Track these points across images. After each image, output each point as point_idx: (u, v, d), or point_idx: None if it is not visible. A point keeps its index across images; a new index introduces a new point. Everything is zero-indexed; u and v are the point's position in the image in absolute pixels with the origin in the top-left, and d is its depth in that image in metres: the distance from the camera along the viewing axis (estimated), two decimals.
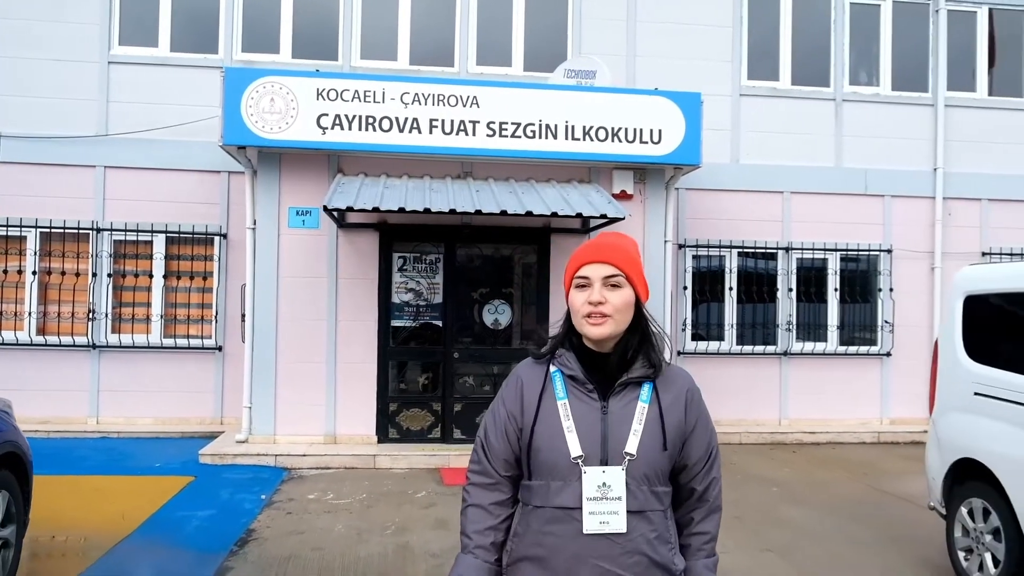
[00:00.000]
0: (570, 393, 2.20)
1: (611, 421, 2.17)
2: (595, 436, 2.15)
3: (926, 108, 12.67)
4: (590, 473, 2.12)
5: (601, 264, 2.19)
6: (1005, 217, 12.77)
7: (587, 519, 2.11)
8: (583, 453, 2.13)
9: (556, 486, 2.15)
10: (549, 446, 2.16)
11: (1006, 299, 5.71)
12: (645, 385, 2.22)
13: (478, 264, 10.45)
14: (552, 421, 2.18)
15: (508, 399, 2.28)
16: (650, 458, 2.16)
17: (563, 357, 2.25)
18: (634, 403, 2.20)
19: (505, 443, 2.25)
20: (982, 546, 5.62)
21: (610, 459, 2.14)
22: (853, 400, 12.25)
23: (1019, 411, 5.30)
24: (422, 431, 10.07)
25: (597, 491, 2.11)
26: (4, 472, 4.95)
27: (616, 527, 2.11)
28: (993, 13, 12.94)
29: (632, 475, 2.14)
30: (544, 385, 2.23)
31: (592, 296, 2.17)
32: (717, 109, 11.81)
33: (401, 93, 9.63)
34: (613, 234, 2.32)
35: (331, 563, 6.04)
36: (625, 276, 2.20)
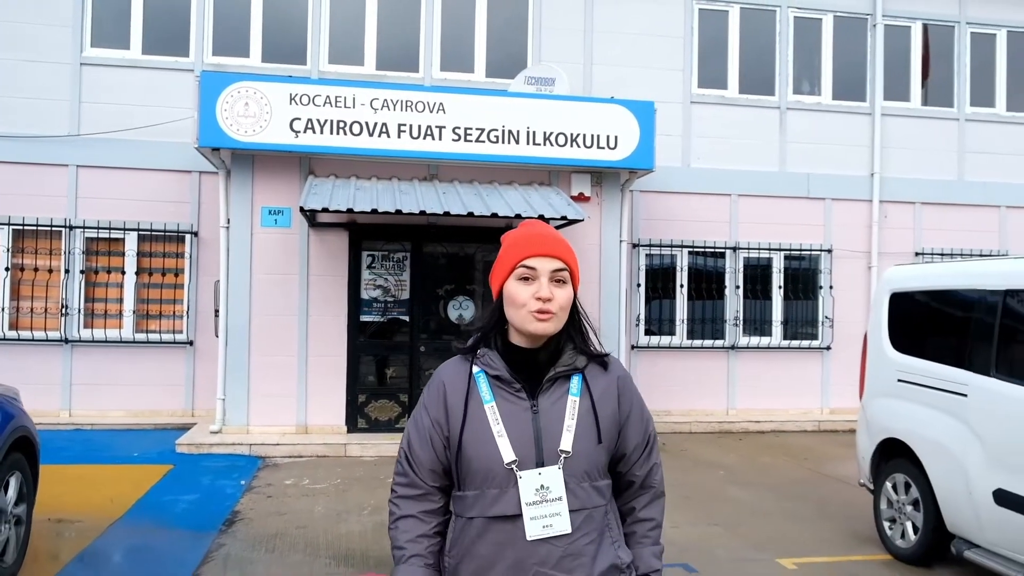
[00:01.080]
0: (497, 395, 2.11)
1: (543, 420, 2.08)
2: (527, 438, 2.06)
3: (864, 117, 13.45)
4: (526, 477, 2.03)
5: (549, 258, 2.09)
6: (936, 219, 13.61)
7: (529, 524, 2.03)
8: (516, 457, 2.04)
9: (492, 494, 2.06)
10: (480, 453, 2.06)
11: (925, 296, 6.39)
12: (574, 377, 2.14)
13: (443, 262, 10.96)
14: (481, 426, 2.08)
15: (431, 406, 2.16)
16: (587, 453, 2.09)
17: (485, 356, 2.14)
18: (564, 398, 2.12)
19: (431, 453, 2.14)
20: (903, 516, 6.29)
21: (546, 459, 2.06)
22: (796, 391, 12.98)
23: (935, 395, 5.97)
24: (390, 421, 10.55)
25: (536, 495, 2.03)
26: (17, 455, 5.35)
27: (560, 528, 2.04)
28: (927, 28, 13.75)
29: (570, 473, 2.06)
30: (469, 388, 2.12)
31: (541, 291, 2.06)
32: (669, 115, 12.44)
33: (371, 99, 10.10)
34: (542, 224, 2.22)
35: (316, 539, 6.52)
36: (569, 271, 2.13)
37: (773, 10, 13.21)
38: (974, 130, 13.83)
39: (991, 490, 5.37)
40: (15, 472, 5.32)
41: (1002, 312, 5.53)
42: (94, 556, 5.98)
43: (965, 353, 5.78)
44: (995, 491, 5.33)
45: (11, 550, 5.24)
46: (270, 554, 6.13)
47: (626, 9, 12.70)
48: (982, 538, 5.54)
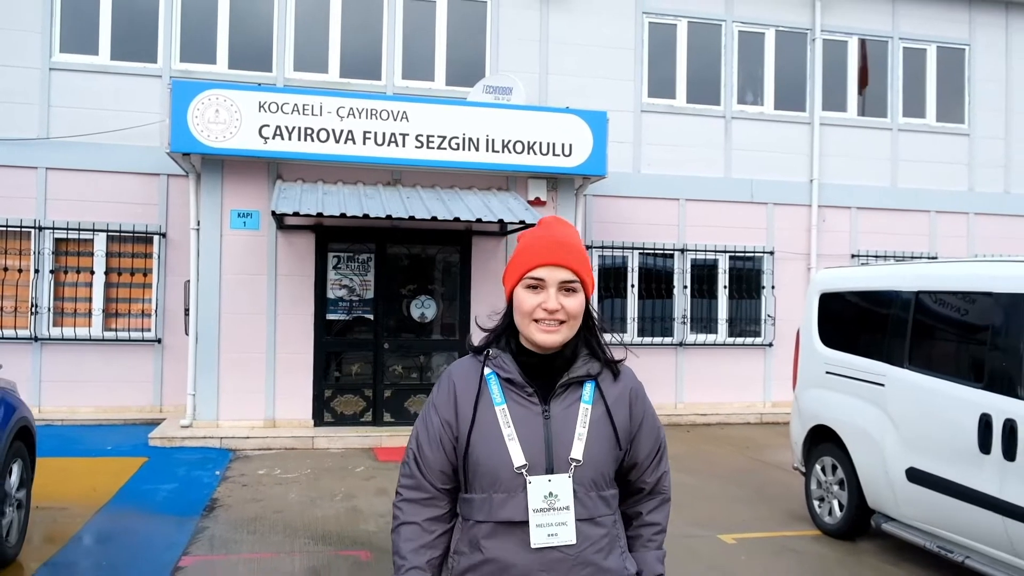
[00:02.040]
0: (508, 398, 2.08)
1: (554, 426, 2.06)
2: (538, 443, 2.04)
3: (804, 126, 14.22)
4: (535, 483, 2.01)
5: (558, 268, 2.06)
6: (871, 223, 14.42)
7: (534, 532, 2.00)
8: (527, 462, 2.02)
9: (499, 499, 2.03)
10: (489, 456, 2.04)
11: (849, 296, 7.07)
12: (587, 385, 2.12)
13: (406, 263, 11.46)
14: (491, 429, 2.05)
15: (441, 406, 2.14)
16: (597, 462, 2.07)
17: (499, 359, 2.12)
18: (576, 405, 2.09)
19: (441, 454, 2.11)
20: (831, 495, 6.96)
21: (555, 467, 2.03)
22: (740, 386, 13.69)
23: (857, 385, 6.65)
24: (355, 415, 11.02)
25: (544, 502, 2.01)
26: (19, 444, 5.77)
27: (565, 538, 2.01)
28: (865, 43, 14.56)
29: (579, 482, 2.04)
30: (479, 389, 2.10)
31: (548, 303, 2.04)
32: (621, 124, 13.06)
33: (337, 107, 10.56)
34: (559, 223, 2.19)
35: (293, 521, 7.00)
36: (580, 281, 2.09)
37: (719, 24, 13.91)
38: (906, 139, 14.67)
39: (904, 469, 6.03)
40: (17, 459, 5.73)
41: (915, 310, 6.21)
42: (88, 538, 6.41)
43: (883, 347, 6.45)
44: (907, 469, 6.00)
45: (14, 531, 5.65)
46: (252, 535, 6.60)
47: (580, 21, 13.30)
48: (898, 512, 6.21)
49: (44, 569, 5.66)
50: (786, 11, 14.16)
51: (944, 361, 6.01)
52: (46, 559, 5.85)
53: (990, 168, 15.05)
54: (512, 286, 2.11)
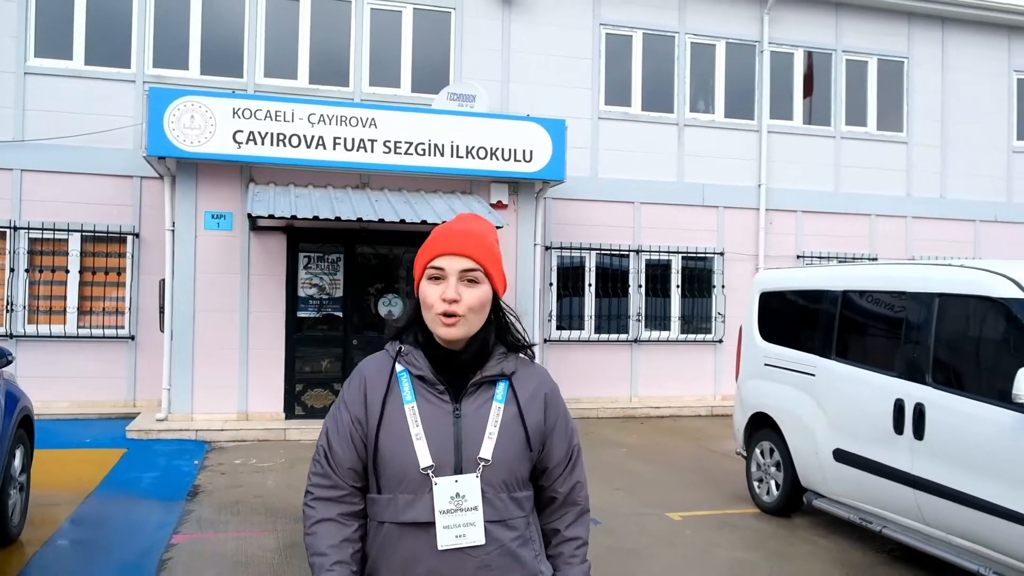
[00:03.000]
0: (418, 395, 2.03)
1: (464, 425, 2.01)
2: (447, 443, 1.99)
3: (752, 133, 14.95)
4: (441, 484, 1.96)
5: (458, 256, 2.00)
6: (816, 226, 15.19)
7: (441, 534, 1.95)
8: (434, 463, 1.97)
9: (405, 499, 1.98)
10: (396, 456, 1.99)
11: (786, 295, 7.74)
12: (500, 383, 2.08)
13: (374, 263, 11.98)
14: (399, 427, 2.00)
15: (351, 402, 2.08)
16: (507, 463, 2.02)
17: (410, 355, 2.06)
18: (488, 403, 2.05)
19: (351, 450, 2.04)
20: (769, 476, 7.63)
21: (464, 467, 1.99)
22: (691, 380, 14.39)
23: (792, 375, 7.32)
24: (325, 408, 11.51)
25: (450, 503, 1.96)
26: (21, 431, 6.22)
27: (473, 539, 1.97)
28: (810, 55, 15.33)
29: (488, 482, 2.00)
30: (389, 386, 2.04)
31: (447, 292, 1.99)
32: (579, 130, 13.67)
33: (308, 114, 11.05)
34: (470, 217, 2.16)
35: (273, 505, 7.51)
36: (483, 270, 2.02)
37: (672, 36, 14.59)
38: (849, 147, 15.47)
39: (832, 450, 6.71)
40: (20, 446, 6.19)
41: (841, 308, 6.89)
42: (82, 519, 6.87)
43: (814, 341, 7.13)
44: (834, 450, 6.68)
45: (17, 512, 6.11)
46: (236, 516, 7.10)
47: (540, 32, 13.89)
48: (827, 489, 6.88)
49: (46, 548, 6.12)
50: (736, 24, 14.88)
51: (865, 353, 6.69)
52: (46, 539, 6.30)
53: (927, 174, 15.91)
54: (418, 279, 2.06)
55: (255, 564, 5.89)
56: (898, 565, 6.23)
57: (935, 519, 5.72)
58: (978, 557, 5.42)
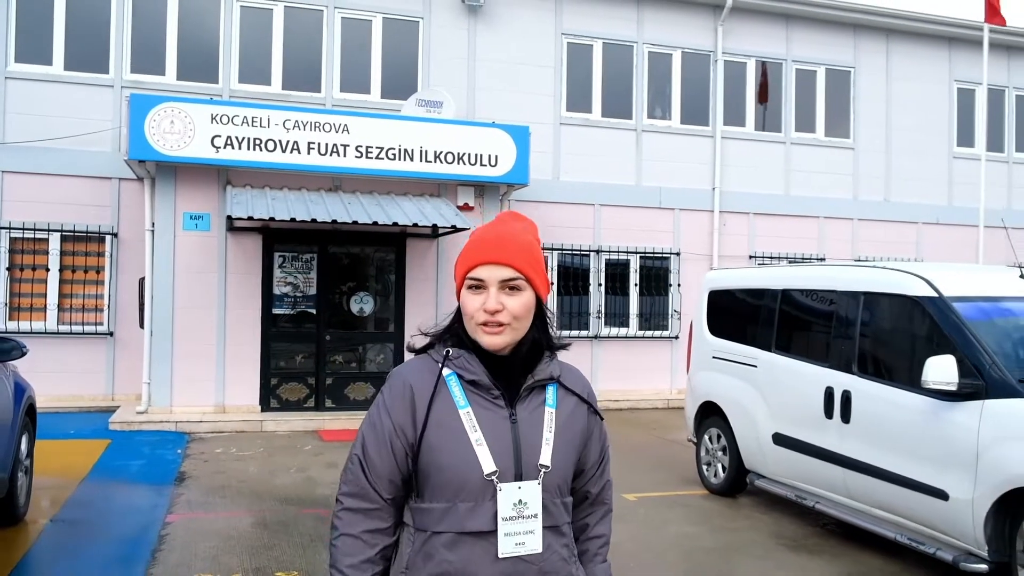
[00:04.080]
0: (472, 400, 1.97)
1: (521, 430, 1.97)
2: (507, 449, 1.95)
3: (707, 139, 15.68)
4: (506, 490, 1.92)
5: (498, 266, 1.95)
6: (767, 228, 15.96)
7: (502, 541, 1.92)
8: (497, 468, 1.92)
9: (465, 508, 1.92)
10: (455, 462, 1.92)
11: (731, 294, 8.43)
12: (550, 388, 2.05)
13: (346, 262, 12.51)
14: (455, 434, 1.94)
15: (395, 409, 1.99)
16: (562, 468, 2.01)
17: (461, 359, 2.00)
18: (541, 408, 2.02)
19: (391, 460, 1.97)
20: (716, 459, 8.31)
21: (524, 473, 1.95)
22: (649, 374, 15.08)
23: (736, 367, 8.00)
24: (299, 401, 12.04)
25: (513, 510, 1.93)
26: (27, 419, 6.70)
27: (532, 547, 1.94)
28: (764, 65, 16.09)
29: (546, 488, 1.97)
30: (436, 390, 1.98)
31: (488, 304, 1.94)
32: (542, 135, 14.30)
33: (284, 120, 11.56)
34: (509, 217, 2.12)
35: (257, 488, 8.05)
36: (525, 278, 1.98)
37: (631, 46, 15.27)
38: (798, 152, 16.27)
39: (771, 434, 7.39)
40: (26, 432, 6.68)
41: (780, 305, 7.58)
42: (80, 501, 7.37)
43: (756, 335, 7.81)
44: (773, 434, 7.36)
45: (23, 493, 6.60)
46: (224, 499, 7.63)
47: (504, 41, 14.50)
48: (767, 470, 7.57)
49: (51, 525, 6.62)
50: (691, 35, 15.59)
51: (801, 345, 7.38)
52: (49, 518, 6.80)
53: (872, 179, 16.76)
54: (459, 286, 2.03)
55: (245, 539, 6.43)
56: (828, 537, 6.92)
57: (859, 493, 6.42)
58: (894, 526, 6.12)
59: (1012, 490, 5.14)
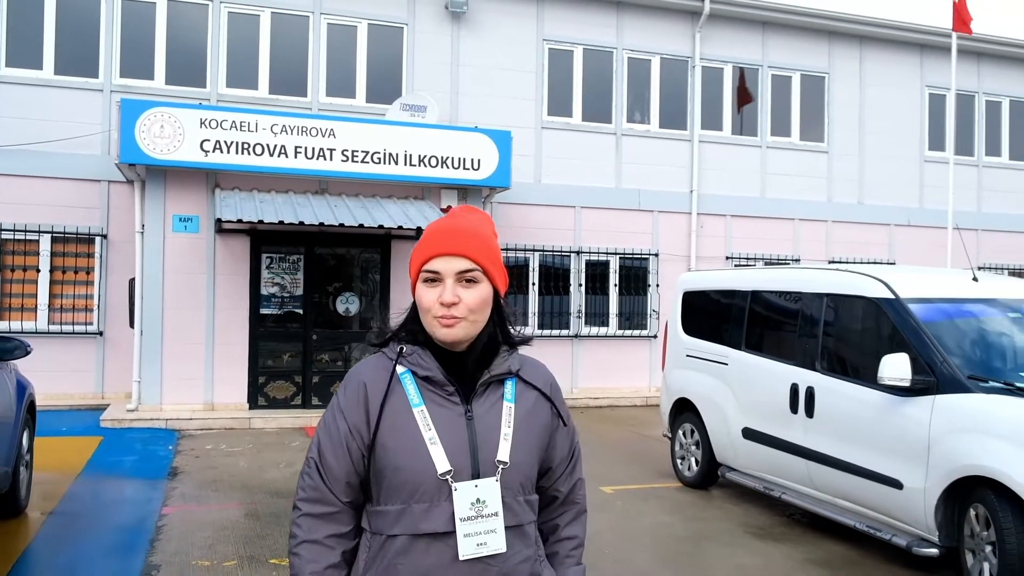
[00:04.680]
0: (427, 398, 1.94)
1: (478, 427, 1.94)
2: (462, 446, 1.91)
3: (685, 143, 16.06)
4: (462, 490, 1.88)
5: (454, 257, 1.93)
6: (744, 229, 16.36)
7: (462, 543, 1.87)
8: (451, 467, 1.89)
9: (420, 509, 1.88)
10: (408, 462, 1.89)
11: (704, 295, 8.79)
12: (508, 382, 2.02)
13: (332, 263, 12.81)
14: (408, 432, 1.91)
15: (349, 409, 1.96)
16: (523, 465, 1.97)
17: (415, 355, 1.97)
18: (499, 403, 1.98)
19: (347, 463, 1.94)
20: (689, 454, 8.68)
21: (482, 471, 1.91)
22: (628, 372, 15.44)
23: (709, 365, 8.37)
24: (286, 399, 12.33)
25: (471, 509, 1.89)
26: (27, 415, 6.98)
27: (495, 547, 1.90)
28: (742, 71, 16.48)
29: (507, 486, 1.93)
30: (389, 388, 1.95)
31: (444, 296, 1.91)
32: (523, 139, 14.62)
33: (271, 124, 11.84)
34: (464, 210, 2.09)
35: (248, 482, 8.35)
36: (482, 269, 1.96)
37: (611, 51, 15.63)
38: (774, 156, 16.67)
39: (741, 429, 7.76)
40: (27, 429, 6.95)
41: (750, 305, 7.94)
42: (77, 495, 7.65)
43: (727, 334, 8.18)
44: (743, 429, 7.73)
45: (24, 486, 6.87)
46: (217, 492, 7.93)
47: (487, 47, 14.82)
48: (737, 463, 7.94)
49: (51, 518, 6.90)
50: (670, 41, 15.97)
51: (769, 344, 7.75)
52: (50, 510, 7.08)
53: (846, 182, 17.19)
54: (414, 281, 1.99)
55: (239, 529, 6.74)
56: (794, 526, 7.28)
57: (822, 484, 6.79)
58: (854, 514, 6.50)
59: (960, 479, 5.51)
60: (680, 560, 6.36)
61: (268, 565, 5.89)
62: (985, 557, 5.36)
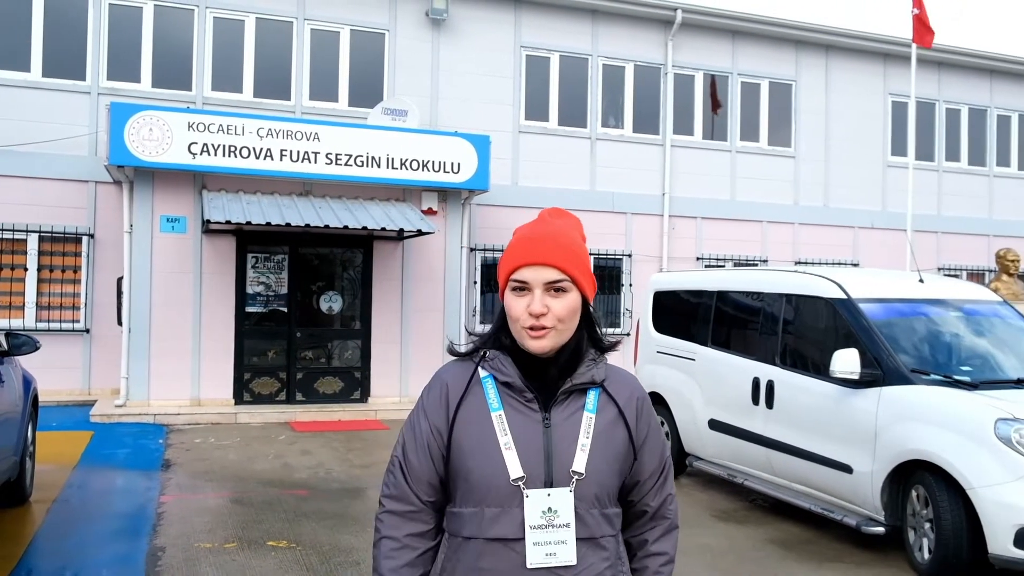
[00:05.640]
0: (505, 403, 1.94)
1: (555, 435, 1.92)
2: (537, 453, 1.90)
3: (657, 147, 16.60)
4: (533, 497, 1.88)
5: (542, 267, 1.91)
6: (714, 231, 16.91)
7: (531, 551, 1.87)
8: (524, 474, 1.88)
9: (491, 513, 1.89)
10: (482, 465, 1.90)
11: (673, 294, 9.30)
12: (591, 392, 1.98)
13: (316, 263, 13.21)
14: (484, 435, 1.92)
15: (432, 410, 1.99)
16: (600, 477, 1.93)
17: (496, 360, 1.98)
18: (579, 413, 1.95)
19: (428, 462, 1.97)
20: None
21: (555, 480, 1.89)
22: None
23: (678, 360, 8.87)
24: (271, 394, 12.71)
25: (542, 518, 1.87)
26: (30, 408, 7.34)
27: (565, 559, 1.87)
28: (713, 78, 17.04)
29: (580, 497, 1.90)
30: (469, 390, 1.97)
31: (533, 306, 1.89)
32: (501, 143, 15.06)
33: (257, 128, 12.22)
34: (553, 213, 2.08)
35: (239, 472, 8.75)
36: (571, 279, 1.93)
37: (586, 58, 16.13)
38: (743, 160, 17.24)
39: (707, 420, 8.26)
40: (30, 422, 7.31)
41: (715, 304, 8.45)
42: (77, 485, 8.01)
43: (695, 332, 8.68)
44: (709, 420, 8.23)
45: (29, 476, 7.24)
46: (210, 482, 8.32)
47: (466, 53, 15.26)
48: (704, 453, 8.44)
49: (55, 506, 7.26)
50: (643, 49, 16.49)
51: (733, 341, 8.25)
52: (53, 498, 7.45)
53: (812, 185, 17.80)
54: (502, 288, 1.98)
55: (235, 515, 7.14)
56: (755, 510, 7.80)
57: (781, 470, 7.30)
58: (810, 498, 7.01)
59: (903, 463, 6.04)
60: None
61: (266, 547, 6.30)
62: (924, 533, 5.89)
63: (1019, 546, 5.37)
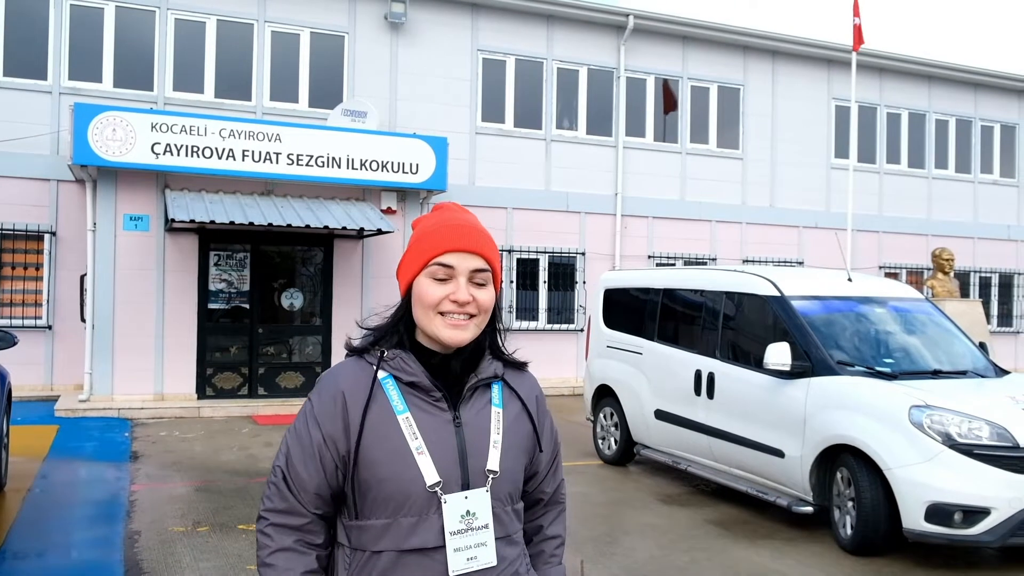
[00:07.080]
0: (411, 404, 1.83)
1: (467, 434, 1.85)
2: (451, 455, 1.82)
3: (610, 149, 17.11)
4: (451, 502, 1.79)
5: (470, 255, 1.85)
6: (665, 230, 17.47)
7: (452, 557, 1.78)
8: (440, 479, 1.79)
9: (407, 523, 1.79)
10: (394, 474, 1.78)
11: (623, 291, 9.79)
12: (495, 386, 1.93)
13: (277, 260, 13.51)
14: (393, 441, 1.80)
15: (325, 418, 1.84)
16: (513, 474, 1.90)
17: (397, 359, 1.86)
18: (487, 408, 1.90)
19: (320, 474, 1.83)
20: (609, 434, 9.66)
21: (471, 481, 1.82)
22: (557, 364, 16.40)
23: (626, 355, 9.36)
24: (233, 389, 12.99)
25: (461, 522, 1.79)
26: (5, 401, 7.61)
27: (485, 560, 1.82)
28: (664, 81, 17.59)
29: (496, 496, 1.85)
30: (371, 395, 1.83)
31: (458, 294, 1.82)
32: (458, 143, 15.46)
33: (220, 128, 12.49)
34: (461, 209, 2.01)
35: (206, 463, 9.07)
36: (492, 272, 1.89)
37: (541, 62, 16.59)
38: (693, 161, 17.83)
39: (653, 410, 8.76)
40: (5, 414, 7.59)
41: (662, 301, 8.96)
42: (49, 476, 8.29)
43: (642, 327, 9.18)
44: (655, 411, 8.73)
45: (3, 466, 7.52)
46: (178, 472, 8.64)
47: (424, 55, 15.64)
48: (651, 441, 8.94)
49: (31, 494, 7.55)
50: (596, 53, 16.99)
51: (678, 336, 8.77)
52: (28, 488, 7.73)
53: (758, 186, 18.45)
54: (411, 277, 1.88)
55: (205, 502, 7.49)
56: (698, 494, 8.31)
57: (721, 456, 7.82)
58: (747, 481, 7.54)
59: (828, 447, 6.57)
60: (596, 521, 7.32)
61: (237, 530, 6.66)
62: (848, 512, 6.43)
63: (930, 521, 5.92)
